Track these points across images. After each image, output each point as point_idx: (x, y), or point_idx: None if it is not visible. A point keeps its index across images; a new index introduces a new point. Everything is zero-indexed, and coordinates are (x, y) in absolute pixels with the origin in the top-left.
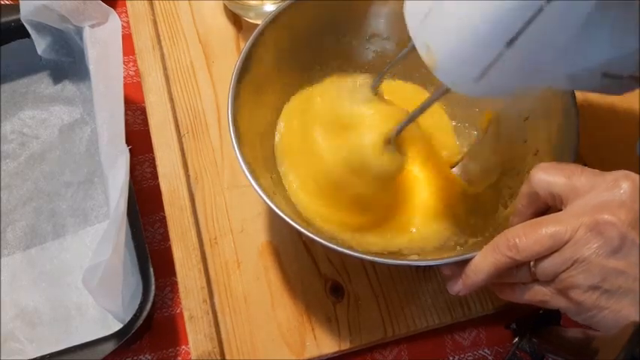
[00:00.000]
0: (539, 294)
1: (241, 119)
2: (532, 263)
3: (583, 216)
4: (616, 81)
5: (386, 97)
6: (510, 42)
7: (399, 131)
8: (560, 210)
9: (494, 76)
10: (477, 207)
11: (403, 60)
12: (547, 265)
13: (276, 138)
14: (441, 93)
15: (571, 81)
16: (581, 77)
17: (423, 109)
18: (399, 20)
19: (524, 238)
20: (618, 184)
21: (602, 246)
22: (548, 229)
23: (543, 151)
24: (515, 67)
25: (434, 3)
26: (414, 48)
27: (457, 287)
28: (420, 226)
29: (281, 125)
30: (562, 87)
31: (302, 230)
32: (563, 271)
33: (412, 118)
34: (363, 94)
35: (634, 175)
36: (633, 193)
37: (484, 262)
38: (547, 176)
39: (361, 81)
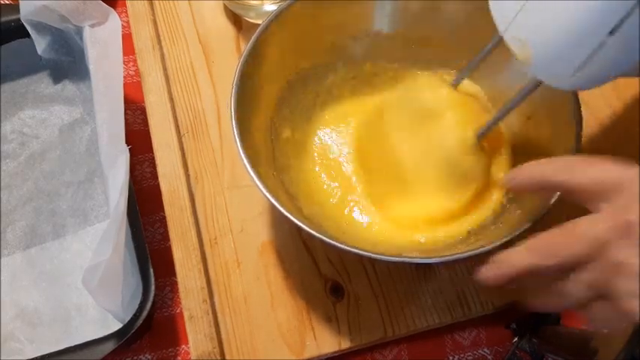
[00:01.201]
0: (589, 311)
1: (244, 117)
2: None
3: (618, 215)
4: None
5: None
6: (613, 30)
7: (488, 130)
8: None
9: (593, 67)
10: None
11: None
12: (587, 276)
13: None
14: (531, 88)
15: None
16: None
17: (512, 106)
18: (404, 17)
19: (557, 240)
20: None
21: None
22: (583, 231)
23: (546, 149)
24: (615, 56)
25: None
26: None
27: (486, 274)
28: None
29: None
30: None
31: (305, 228)
32: (608, 277)
33: (501, 115)
34: (444, 88)
35: None
36: None
37: (519, 259)
38: (580, 171)
39: (435, 78)
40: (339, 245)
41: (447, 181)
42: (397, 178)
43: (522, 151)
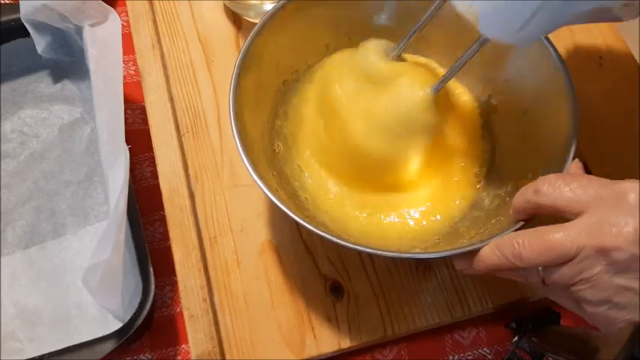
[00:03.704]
0: (550, 294)
1: (243, 117)
2: (540, 268)
3: (590, 234)
4: (632, 7)
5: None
6: None
7: (441, 85)
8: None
9: (536, 23)
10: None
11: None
12: (555, 278)
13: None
14: (479, 45)
15: (594, 14)
16: (604, 9)
17: (463, 62)
18: (400, 15)
19: (528, 248)
20: (625, 198)
21: (608, 266)
22: (553, 243)
23: (543, 144)
24: (556, 11)
25: None
26: (436, 11)
27: (462, 266)
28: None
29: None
30: (583, 21)
31: (307, 226)
32: (572, 284)
33: (453, 71)
34: (389, 57)
35: None
36: None
37: (490, 257)
38: (553, 190)
39: (377, 46)
40: (339, 242)
41: (407, 137)
42: (357, 153)
43: (521, 150)
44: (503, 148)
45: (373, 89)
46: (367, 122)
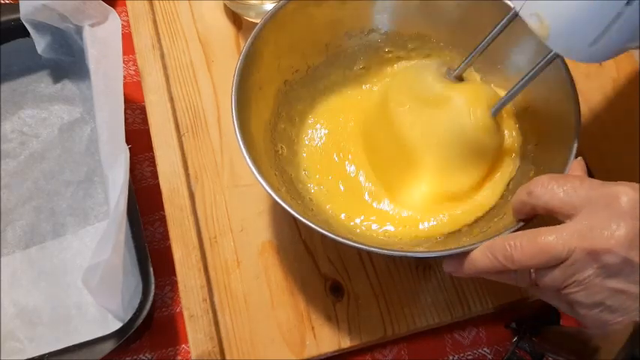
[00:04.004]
0: (542, 296)
1: (244, 116)
2: (532, 270)
3: (581, 237)
4: None
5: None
6: (629, 1)
7: (502, 106)
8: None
9: (609, 38)
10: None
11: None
12: (547, 280)
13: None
14: (546, 62)
15: None
16: None
17: (525, 82)
18: (398, 14)
19: (520, 250)
20: (617, 201)
21: (600, 269)
22: (545, 245)
23: (544, 142)
24: (631, 26)
25: None
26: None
27: (452, 269)
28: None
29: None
30: None
31: (307, 222)
32: (564, 287)
33: (515, 92)
34: (446, 77)
35: (633, 190)
36: (632, 210)
37: (481, 260)
38: (545, 192)
39: (435, 66)
40: (339, 239)
41: (463, 159)
42: (408, 163)
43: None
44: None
45: (430, 110)
46: (423, 140)
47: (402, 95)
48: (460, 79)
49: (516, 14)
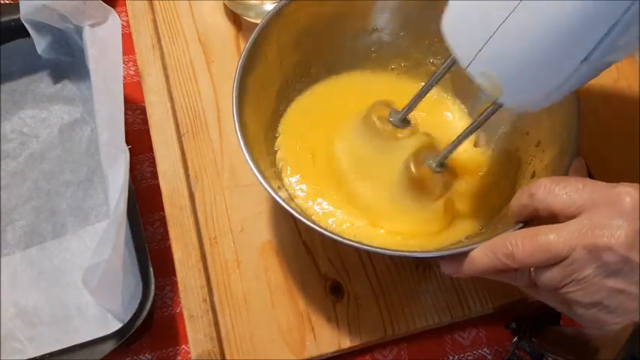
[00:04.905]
0: (540, 296)
1: (245, 116)
2: (532, 269)
3: (582, 235)
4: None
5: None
6: (586, 58)
7: (444, 158)
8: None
9: (564, 90)
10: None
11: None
12: (546, 279)
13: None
14: (492, 111)
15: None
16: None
17: (472, 129)
18: (400, 14)
19: (520, 248)
20: (620, 201)
21: (599, 268)
22: (545, 243)
23: (545, 143)
24: (585, 77)
25: (492, 27)
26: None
27: (450, 270)
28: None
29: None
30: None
31: (307, 222)
32: (562, 286)
33: (461, 139)
34: (395, 118)
35: (636, 191)
36: (634, 210)
37: (481, 259)
38: (547, 194)
39: (378, 114)
40: (339, 239)
41: (406, 204)
42: (361, 204)
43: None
44: (504, 147)
45: (376, 155)
46: (367, 183)
47: (349, 149)
48: (405, 121)
49: (454, 62)
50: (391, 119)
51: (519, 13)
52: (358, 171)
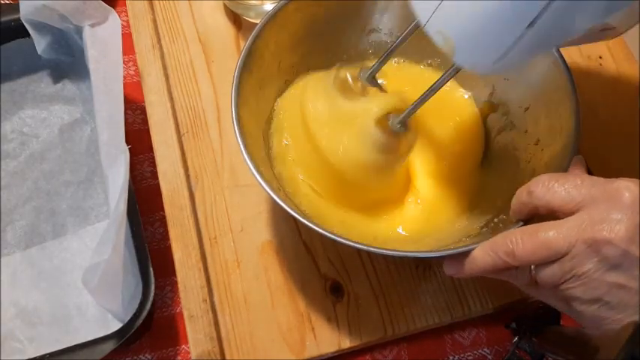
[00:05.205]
0: (540, 295)
1: (244, 117)
2: (532, 267)
3: (581, 230)
4: (609, 31)
5: (382, 83)
6: (532, 23)
7: (410, 114)
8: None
9: (512, 56)
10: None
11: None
12: (546, 275)
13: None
14: (452, 73)
15: (574, 41)
16: (584, 36)
17: (434, 90)
18: (399, 14)
19: (521, 246)
20: (619, 195)
21: (600, 262)
22: (546, 240)
23: (544, 141)
24: (534, 44)
25: None
26: (410, 34)
27: (452, 270)
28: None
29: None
30: (562, 47)
31: (307, 223)
32: (562, 282)
33: (423, 100)
34: (355, 88)
35: (635, 185)
36: (633, 204)
37: (482, 258)
38: (546, 191)
39: (343, 74)
40: (340, 239)
41: (380, 165)
42: (337, 175)
43: (518, 144)
44: (503, 146)
45: (343, 115)
46: (337, 145)
47: (318, 99)
48: (374, 81)
49: (418, 26)
50: (361, 75)
51: None
52: (329, 128)
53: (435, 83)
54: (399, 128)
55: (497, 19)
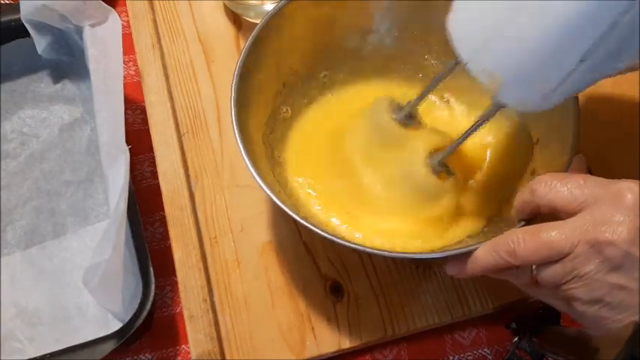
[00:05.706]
0: (540, 295)
1: (244, 118)
2: (534, 267)
3: (584, 231)
4: None
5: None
6: (584, 58)
7: (448, 153)
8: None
9: (562, 90)
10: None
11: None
12: (547, 275)
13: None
14: (492, 113)
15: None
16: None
17: (474, 129)
18: (399, 15)
19: (523, 245)
20: (621, 197)
21: (602, 263)
22: (548, 240)
23: (544, 140)
24: (584, 77)
25: (494, 26)
26: (455, 67)
27: (454, 271)
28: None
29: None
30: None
31: (307, 225)
32: (564, 283)
33: (463, 138)
34: (401, 113)
35: (637, 187)
36: (635, 206)
37: (484, 258)
38: (549, 190)
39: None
40: (339, 241)
41: (413, 202)
42: (367, 198)
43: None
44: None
45: (384, 149)
46: (377, 177)
47: (357, 140)
48: (411, 116)
49: (457, 62)
50: (395, 117)
51: (520, 11)
52: (369, 166)
53: (475, 123)
54: (438, 167)
55: (549, 56)
